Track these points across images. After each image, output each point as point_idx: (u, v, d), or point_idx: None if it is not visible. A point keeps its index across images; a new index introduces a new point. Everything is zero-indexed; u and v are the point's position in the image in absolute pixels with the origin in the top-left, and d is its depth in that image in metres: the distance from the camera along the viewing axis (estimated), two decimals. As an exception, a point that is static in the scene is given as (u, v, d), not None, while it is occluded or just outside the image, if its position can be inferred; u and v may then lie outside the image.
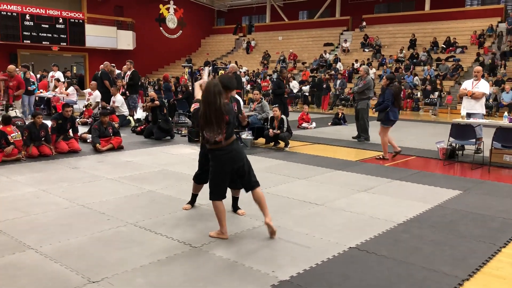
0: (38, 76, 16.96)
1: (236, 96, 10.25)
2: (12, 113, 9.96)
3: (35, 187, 5.95)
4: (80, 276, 3.39)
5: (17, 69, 12.75)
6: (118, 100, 12.28)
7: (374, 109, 8.77)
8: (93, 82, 13.11)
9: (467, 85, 8.87)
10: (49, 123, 8.40)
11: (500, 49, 20.76)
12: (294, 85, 20.53)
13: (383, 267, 3.66)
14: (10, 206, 5.11)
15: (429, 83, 19.45)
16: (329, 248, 4.02)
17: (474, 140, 7.93)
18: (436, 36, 23.48)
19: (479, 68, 8.98)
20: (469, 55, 21.19)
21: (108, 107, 11.89)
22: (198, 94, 4.26)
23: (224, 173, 4.20)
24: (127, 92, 12.92)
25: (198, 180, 5.00)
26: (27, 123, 8.34)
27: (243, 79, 21.76)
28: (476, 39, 22.12)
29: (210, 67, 14.33)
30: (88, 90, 13.20)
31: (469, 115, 8.64)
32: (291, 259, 3.77)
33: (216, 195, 4.20)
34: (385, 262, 3.75)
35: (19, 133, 8.02)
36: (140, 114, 12.66)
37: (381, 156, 8.35)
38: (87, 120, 11.85)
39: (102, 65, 13.59)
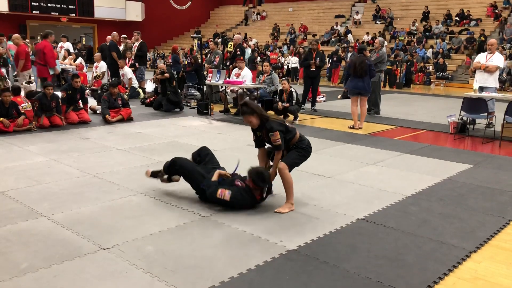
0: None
1: (246, 69, 10.21)
2: (32, 86, 9.81)
3: (47, 156, 6.01)
4: (91, 243, 3.46)
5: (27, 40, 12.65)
6: (127, 72, 12.23)
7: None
8: (96, 54, 13.05)
9: (480, 58, 8.71)
10: (59, 94, 8.42)
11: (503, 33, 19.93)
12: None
13: (391, 238, 3.68)
14: (23, 174, 5.18)
15: (441, 57, 19.13)
16: (337, 220, 4.04)
17: (486, 114, 7.84)
18: (450, 9, 22.95)
19: (494, 40, 8.79)
20: (483, 28, 20.71)
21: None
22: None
23: None
24: (136, 64, 12.86)
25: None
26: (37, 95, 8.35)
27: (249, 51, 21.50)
28: (492, 12, 21.59)
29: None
30: (95, 64, 13.13)
31: (481, 88, 8.51)
32: (299, 230, 3.80)
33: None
34: (393, 234, 3.77)
35: (29, 103, 8.07)
36: (150, 86, 12.63)
37: (352, 126, 8.55)
38: (97, 88, 11.78)
39: (109, 36, 13.46)
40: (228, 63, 11.86)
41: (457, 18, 22.35)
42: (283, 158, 4.32)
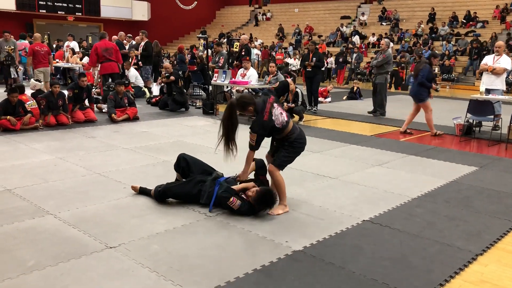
0: (54, 46, 17.00)
1: (252, 69, 10.23)
2: (42, 85, 9.81)
3: (53, 155, 6.04)
4: (98, 241, 3.47)
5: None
6: (132, 75, 12.21)
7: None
8: None
9: (488, 60, 8.67)
10: (65, 92, 8.45)
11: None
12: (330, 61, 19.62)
13: (396, 240, 3.68)
14: (29, 173, 5.21)
15: (447, 59, 19.05)
16: (342, 221, 4.04)
17: (492, 116, 7.81)
18: (456, 10, 22.87)
19: (501, 43, 8.76)
20: (490, 30, 20.63)
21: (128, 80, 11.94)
22: None
23: None
24: (139, 63, 12.88)
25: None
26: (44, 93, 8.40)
27: (258, 52, 21.57)
28: (499, 14, 21.47)
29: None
30: None
31: (488, 91, 8.48)
32: (305, 231, 3.80)
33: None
34: (399, 236, 3.76)
35: (34, 101, 8.12)
36: (156, 90, 12.62)
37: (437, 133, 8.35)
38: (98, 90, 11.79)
39: (115, 36, 13.50)
40: (231, 61, 11.89)
41: (463, 20, 22.25)
42: (273, 160, 4.26)
